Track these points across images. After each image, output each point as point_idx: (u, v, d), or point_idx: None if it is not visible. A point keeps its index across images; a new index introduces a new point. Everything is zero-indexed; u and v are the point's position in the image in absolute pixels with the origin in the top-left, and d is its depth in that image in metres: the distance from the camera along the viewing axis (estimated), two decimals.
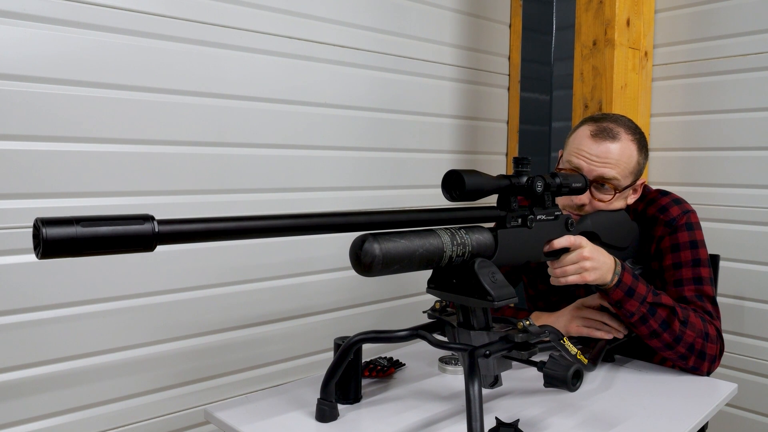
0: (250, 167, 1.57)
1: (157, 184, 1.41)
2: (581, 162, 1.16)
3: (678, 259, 1.20)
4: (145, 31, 1.37)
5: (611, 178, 1.15)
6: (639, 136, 1.20)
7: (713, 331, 1.15)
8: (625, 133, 1.17)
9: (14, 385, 1.26)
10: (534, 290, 1.43)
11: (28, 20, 1.22)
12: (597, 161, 1.15)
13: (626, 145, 1.16)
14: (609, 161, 1.15)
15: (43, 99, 1.25)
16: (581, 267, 1.05)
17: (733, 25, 1.86)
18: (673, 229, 1.21)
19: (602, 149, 1.15)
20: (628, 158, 1.16)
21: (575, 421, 0.98)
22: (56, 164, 1.27)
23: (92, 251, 0.58)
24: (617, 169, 1.15)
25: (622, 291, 1.09)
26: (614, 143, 1.15)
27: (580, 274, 1.05)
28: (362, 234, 0.79)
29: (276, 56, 1.59)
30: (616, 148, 1.15)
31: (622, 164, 1.15)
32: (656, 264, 1.24)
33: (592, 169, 1.16)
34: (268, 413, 1.01)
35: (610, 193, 1.17)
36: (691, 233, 1.21)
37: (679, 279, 1.19)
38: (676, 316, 1.11)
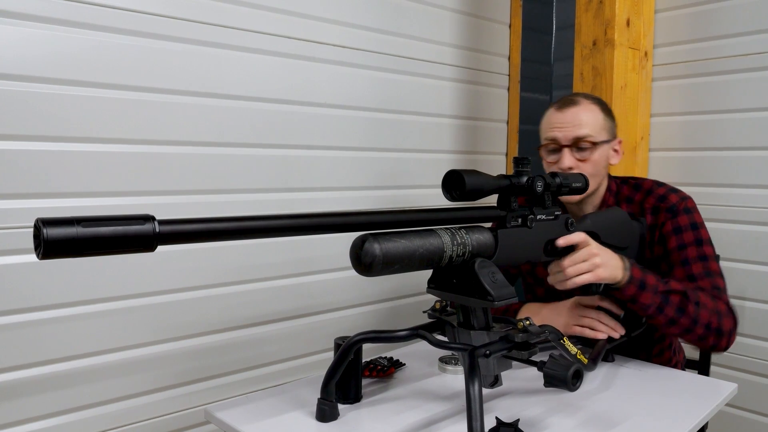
0: (250, 167, 1.57)
1: (157, 184, 1.41)
2: (555, 132, 1.26)
3: (682, 241, 1.25)
4: (145, 31, 1.37)
5: (585, 135, 1.24)
6: (599, 101, 1.31)
7: (723, 306, 1.18)
8: (584, 99, 1.28)
9: (14, 385, 1.26)
10: (533, 296, 1.43)
11: (27, 20, 1.22)
12: (568, 125, 1.25)
13: (588, 107, 1.27)
14: (578, 122, 1.25)
15: (43, 99, 1.25)
16: (593, 264, 1.05)
17: (733, 25, 1.86)
18: (674, 213, 1.26)
19: (568, 115, 1.26)
20: (595, 116, 1.26)
21: (575, 421, 0.98)
22: (56, 164, 1.27)
23: (93, 251, 0.58)
24: (588, 126, 1.25)
25: (635, 286, 1.11)
26: (577, 106, 1.27)
27: (593, 271, 1.05)
28: (362, 234, 0.79)
29: (276, 56, 1.59)
30: (580, 109, 1.26)
31: (591, 121, 1.25)
32: (659, 249, 1.27)
33: (565, 134, 1.25)
34: (268, 413, 1.01)
35: (588, 150, 1.24)
36: (690, 216, 1.27)
37: (686, 258, 1.23)
38: (689, 300, 1.14)
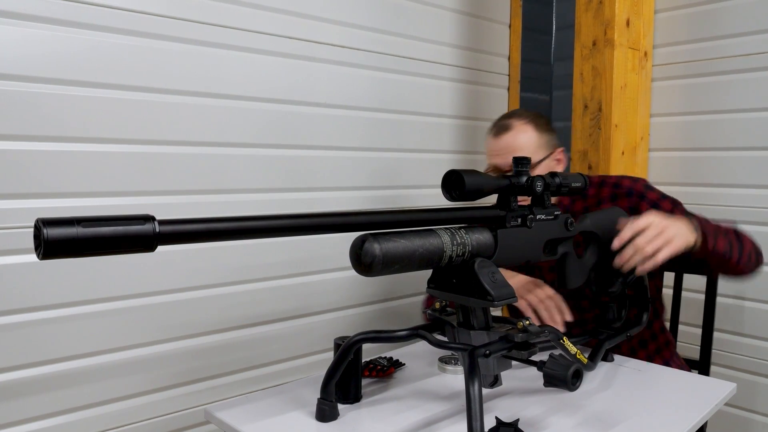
0: (250, 167, 1.57)
1: (157, 184, 1.41)
2: (496, 159, 1.34)
3: (665, 210, 1.28)
4: (145, 31, 1.37)
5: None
6: (533, 118, 1.35)
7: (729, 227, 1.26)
8: (517, 121, 1.34)
9: (14, 385, 1.26)
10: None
11: (27, 20, 1.22)
12: (504, 152, 1.32)
13: (521, 129, 1.33)
14: (512, 148, 1.31)
15: (43, 99, 1.25)
16: (667, 238, 1.05)
17: (733, 25, 1.86)
18: (638, 195, 1.32)
19: (503, 142, 1.33)
20: (528, 137, 1.32)
21: (575, 420, 0.98)
22: (56, 164, 1.27)
23: (93, 252, 0.58)
24: (523, 150, 1.31)
25: (712, 238, 1.14)
26: (509, 132, 1.33)
27: (669, 244, 1.05)
28: (362, 234, 0.79)
29: (276, 56, 1.59)
30: (513, 134, 1.32)
31: (525, 145, 1.32)
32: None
33: (505, 160, 1.32)
34: (268, 413, 1.01)
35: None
36: (654, 191, 1.33)
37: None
38: (731, 229, 1.23)
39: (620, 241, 1.07)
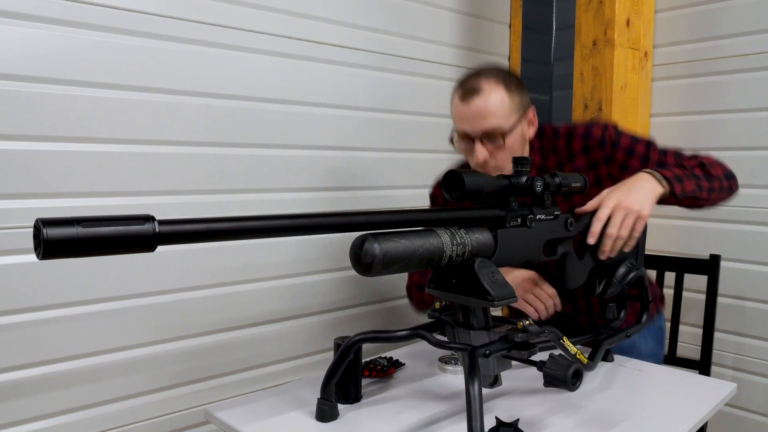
0: (250, 167, 1.57)
1: (157, 184, 1.41)
2: (464, 126, 1.22)
3: (639, 155, 1.27)
4: (145, 31, 1.37)
5: (494, 128, 1.20)
6: (503, 78, 1.23)
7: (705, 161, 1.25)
8: (486, 83, 1.21)
9: (14, 385, 1.26)
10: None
11: (27, 20, 1.22)
12: (474, 119, 1.20)
13: (491, 93, 1.20)
14: (483, 113, 1.20)
15: (43, 99, 1.25)
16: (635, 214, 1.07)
17: (733, 25, 1.86)
18: (611, 143, 1.27)
19: (473, 108, 1.20)
20: (500, 103, 1.20)
21: (575, 421, 0.98)
22: (56, 164, 1.27)
23: (93, 252, 0.58)
24: (494, 117, 1.20)
25: (677, 184, 1.14)
26: (480, 97, 1.20)
27: (639, 218, 1.07)
28: (362, 234, 0.79)
29: (276, 56, 1.59)
30: (483, 100, 1.20)
31: (497, 109, 1.20)
32: (622, 175, 1.25)
33: (474, 127, 1.21)
34: (268, 413, 1.01)
35: (499, 140, 1.21)
36: (625, 135, 1.29)
37: (655, 162, 1.26)
38: (701, 165, 1.22)
39: (594, 236, 1.07)
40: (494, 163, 1.22)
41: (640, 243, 1.26)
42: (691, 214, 1.97)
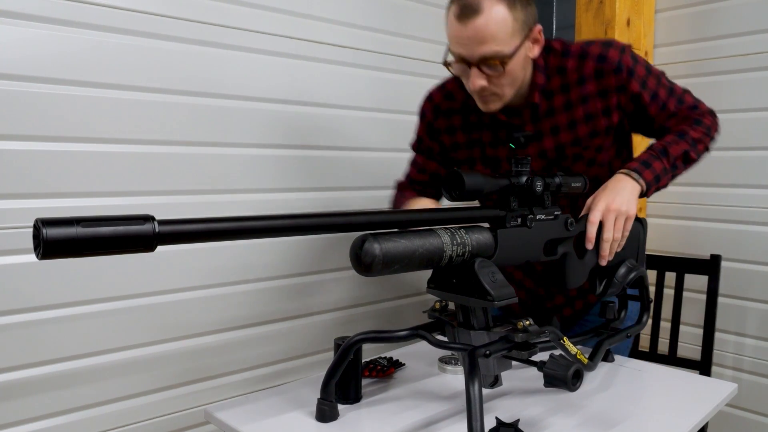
0: (250, 167, 1.57)
1: (157, 184, 1.41)
2: (460, 49, 1.10)
3: (650, 90, 1.20)
4: (145, 31, 1.37)
5: (494, 53, 1.07)
6: None
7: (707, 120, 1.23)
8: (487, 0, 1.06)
9: (14, 385, 1.26)
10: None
11: (28, 20, 1.22)
12: (472, 43, 1.07)
13: (492, 12, 1.05)
14: (482, 38, 1.06)
15: (43, 99, 1.25)
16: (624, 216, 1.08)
17: (733, 25, 1.86)
18: (628, 71, 1.17)
19: (470, 30, 1.06)
20: (502, 24, 1.06)
21: (575, 421, 0.98)
22: (56, 164, 1.27)
23: (92, 252, 0.58)
24: (494, 42, 1.06)
25: (654, 185, 1.15)
26: (479, 17, 1.05)
27: (628, 219, 1.09)
28: (362, 234, 0.79)
29: (276, 56, 1.59)
30: (482, 22, 1.05)
31: (498, 33, 1.06)
32: (630, 106, 1.21)
33: (471, 52, 1.08)
34: (268, 413, 1.01)
35: (499, 67, 1.10)
36: (641, 64, 1.20)
37: (662, 103, 1.22)
38: (687, 147, 1.18)
39: (591, 241, 1.08)
40: (493, 89, 1.13)
41: (640, 243, 1.26)
42: (691, 214, 1.98)
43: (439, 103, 1.32)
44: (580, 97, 1.19)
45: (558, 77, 1.19)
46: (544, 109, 1.20)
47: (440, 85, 1.34)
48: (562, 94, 1.19)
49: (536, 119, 1.21)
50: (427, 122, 1.34)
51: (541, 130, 1.21)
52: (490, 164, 1.29)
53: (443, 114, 1.31)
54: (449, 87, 1.31)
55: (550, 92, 1.19)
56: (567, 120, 1.20)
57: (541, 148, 1.23)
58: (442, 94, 1.32)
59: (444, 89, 1.32)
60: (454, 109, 1.30)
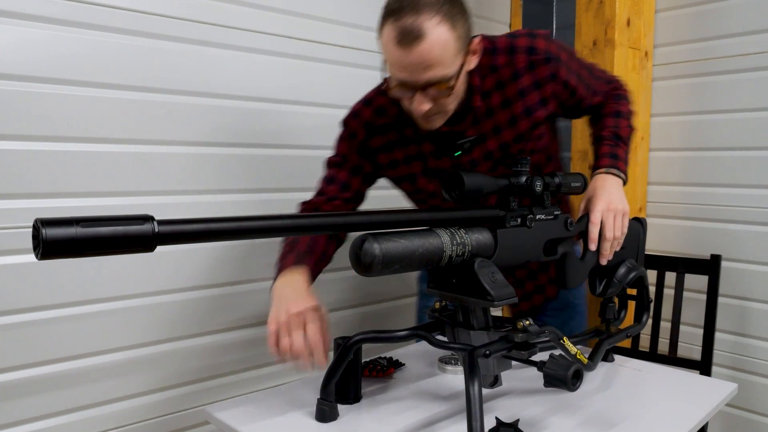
0: (249, 167, 1.57)
1: (157, 184, 1.41)
2: (402, 75, 1.02)
3: (575, 73, 1.20)
4: (145, 31, 1.37)
5: (439, 79, 1.01)
6: (444, 8, 0.98)
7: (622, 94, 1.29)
8: (428, 20, 0.97)
9: (14, 385, 1.26)
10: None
11: (28, 20, 1.22)
12: (416, 70, 1.00)
13: (436, 35, 0.97)
14: (427, 64, 0.99)
15: (43, 99, 1.25)
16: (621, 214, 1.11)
17: (734, 25, 1.86)
18: (556, 59, 1.15)
19: (414, 56, 0.98)
20: (445, 46, 0.99)
21: (575, 421, 0.98)
22: (56, 164, 1.27)
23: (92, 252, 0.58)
24: (440, 66, 1.00)
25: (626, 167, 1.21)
26: (422, 43, 0.97)
27: (624, 215, 1.12)
28: (362, 234, 0.79)
29: (276, 56, 1.59)
30: (426, 47, 0.97)
31: (443, 58, 0.99)
32: (563, 92, 1.19)
33: (415, 78, 1.01)
34: (268, 413, 1.01)
35: (444, 91, 1.04)
36: (563, 50, 1.18)
37: (586, 83, 1.23)
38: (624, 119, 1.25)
39: (594, 241, 1.10)
40: (437, 109, 1.07)
41: (639, 243, 1.26)
42: (691, 214, 1.97)
43: (370, 119, 1.22)
44: (517, 92, 1.16)
45: (491, 76, 1.15)
46: (482, 111, 1.16)
47: (365, 100, 1.24)
48: (498, 92, 1.15)
49: (477, 122, 1.16)
50: (359, 142, 1.23)
51: (483, 133, 1.17)
52: (433, 176, 1.23)
53: (378, 131, 1.22)
54: (379, 102, 1.21)
55: (486, 92, 1.15)
56: (507, 117, 1.17)
57: (486, 150, 1.19)
58: (372, 109, 1.22)
59: (373, 104, 1.22)
60: (389, 125, 1.21)
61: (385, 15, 1.01)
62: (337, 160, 1.26)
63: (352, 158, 1.25)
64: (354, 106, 1.25)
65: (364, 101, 1.24)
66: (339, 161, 1.25)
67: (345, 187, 1.25)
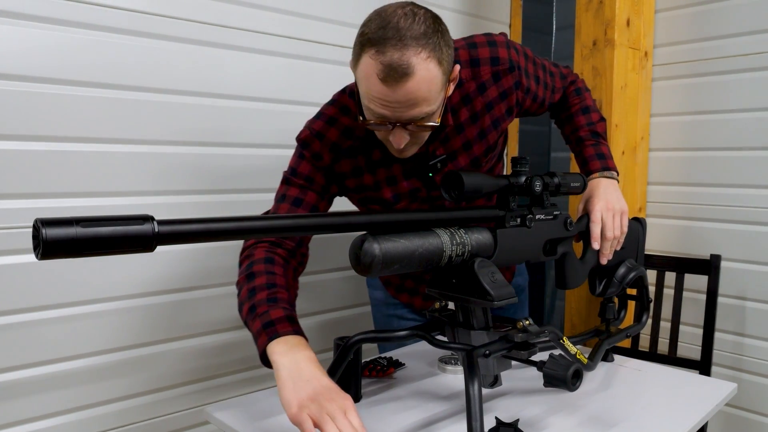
0: (250, 167, 1.57)
1: (157, 184, 1.42)
2: (383, 111, 0.93)
3: (534, 75, 1.17)
4: (145, 31, 1.37)
5: (423, 116, 0.94)
6: (431, 41, 0.90)
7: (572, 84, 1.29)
8: (416, 55, 0.88)
9: (14, 385, 1.26)
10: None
11: (28, 20, 1.22)
12: (401, 107, 0.92)
13: (425, 72, 0.90)
14: (413, 102, 0.92)
15: (43, 99, 1.25)
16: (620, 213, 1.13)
17: (733, 25, 1.86)
18: (518, 66, 1.12)
19: (400, 94, 0.90)
20: (433, 83, 0.92)
21: (575, 420, 0.98)
22: (56, 164, 1.27)
23: (92, 252, 0.58)
24: (425, 104, 0.93)
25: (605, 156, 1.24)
26: (411, 79, 0.89)
27: (623, 213, 1.14)
28: (362, 234, 0.79)
29: (276, 56, 1.59)
30: (415, 83, 0.89)
31: (429, 95, 0.92)
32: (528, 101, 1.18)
33: (398, 116, 0.93)
34: (268, 413, 1.01)
35: (427, 127, 0.97)
36: (520, 53, 1.14)
37: (544, 83, 1.22)
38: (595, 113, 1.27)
39: (596, 241, 1.11)
40: (414, 141, 1.01)
41: (639, 243, 1.26)
42: (691, 214, 1.97)
43: (337, 141, 1.11)
44: (484, 106, 1.11)
45: (457, 91, 1.09)
46: (451, 128, 1.10)
47: (328, 119, 1.13)
48: (465, 107, 1.10)
49: (447, 140, 1.11)
50: (326, 166, 1.13)
51: (454, 150, 1.12)
52: (403, 198, 1.16)
53: (345, 154, 1.12)
54: (345, 122, 1.11)
55: (453, 109, 1.09)
56: (476, 132, 1.12)
57: (457, 167, 1.14)
58: (339, 130, 1.11)
59: (337, 123, 1.12)
60: (356, 148, 1.11)
61: (364, 43, 0.92)
62: (301, 182, 1.13)
63: (318, 180, 1.13)
64: (314, 123, 1.13)
65: (326, 120, 1.13)
66: (303, 183, 1.13)
67: (314, 210, 1.15)
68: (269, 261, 1.06)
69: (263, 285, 1.01)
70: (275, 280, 1.02)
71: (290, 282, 1.06)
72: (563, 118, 1.30)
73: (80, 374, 1.34)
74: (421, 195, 1.16)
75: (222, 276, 1.54)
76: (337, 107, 1.14)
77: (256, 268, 1.04)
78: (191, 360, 1.51)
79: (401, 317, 1.41)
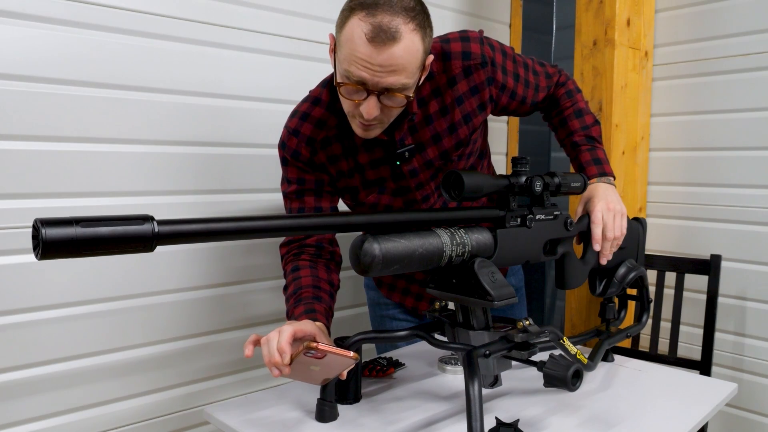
0: (250, 167, 1.57)
1: (157, 184, 1.41)
2: (363, 74, 0.94)
3: (512, 73, 1.16)
4: (145, 31, 1.37)
5: (400, 87, 0.96)
6: (418, 17, 0.95)
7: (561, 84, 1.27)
8: (404, 24, 0.92)
9: (14, 385, 1.26)
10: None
11: (28, 20, 1.22)
12: (382, 71, 0.94)
13: (410, 42, 0.93)
14: (394, 68, 0.94)
15: (43, 99, 1.25)
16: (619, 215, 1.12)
17: (734, 25, 1.86)
18: (492, 62, 1.11)
19: (384, 57, 0.92)
20: (415, 55, 0.95)
21: (575, 420, 0.98)
22: (56, 164, 1.27)
23: (92, 252, 0.58)
24: (404, 74, 0.95)
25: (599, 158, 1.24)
26: (397, 44, 0.92)
27: (622, 215, 1.13)
28: (362, 234, 0.79)
29: (276, 56, 1.59)
30: (400, 49, 0.92)
31: (409, 66, 0.95)
32: (504, 99, 1.17)
33: (377, 81, 0.95)
34: (268, 413, 1.01)
35: (401, 101, 0.99)
36: (498, 50, 1.13)
37: (525, 81, 1.19)
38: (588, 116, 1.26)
39: (598, 242, 1.11)
40: (381, 118, 1.01)
41: (639, 243, 1.26)
42: (691, 214, 1.97)
43: (311, 135, 1.13)
44: (454, 100, 1.12)
45: (427, 83, 1.10)
46: (420, 119, 1.11)
47: (301, 114, 1.14)
48: (435, 99, 1.11)
49: (415, 130, 1.12)
50: (307, 159, 1.14)
51: (422, 141, 1.12)
52: (371, 186, 1.17)
53: (321, 145, 1.14)
54: (317, 114, 1.13)
55: (422, 100, 1.10)
56: (446, 125, 1.13)
57: (426, 159, 1.14)
58: (312, 124, 1.13)
59: (310, 118, 1.14)
60: (330, 138, 1.14)
61: (354, 7, 0.94)
62: (293, 189, 1.16)
63: (308, 178, 1.16)
64: (289, 122, 1.15)
65: (299, 116, 1.15)
66: (297, 189, 1.15)
67: (317, 212, 1.17)
68: (295, 269, 1.14)
69: (291, 293, 1.11)
70: (300, 282, 1.11)
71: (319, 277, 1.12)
72: (556, 122, 1.29)
73: (80, 374, 1.34)
74: (389, 185, 1.17)
75: (222, 276, 1.54)
76: (309, 101, 1.16)
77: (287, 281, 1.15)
78: (191, 360, 1.51)
79: (393, 317, 1.42)
